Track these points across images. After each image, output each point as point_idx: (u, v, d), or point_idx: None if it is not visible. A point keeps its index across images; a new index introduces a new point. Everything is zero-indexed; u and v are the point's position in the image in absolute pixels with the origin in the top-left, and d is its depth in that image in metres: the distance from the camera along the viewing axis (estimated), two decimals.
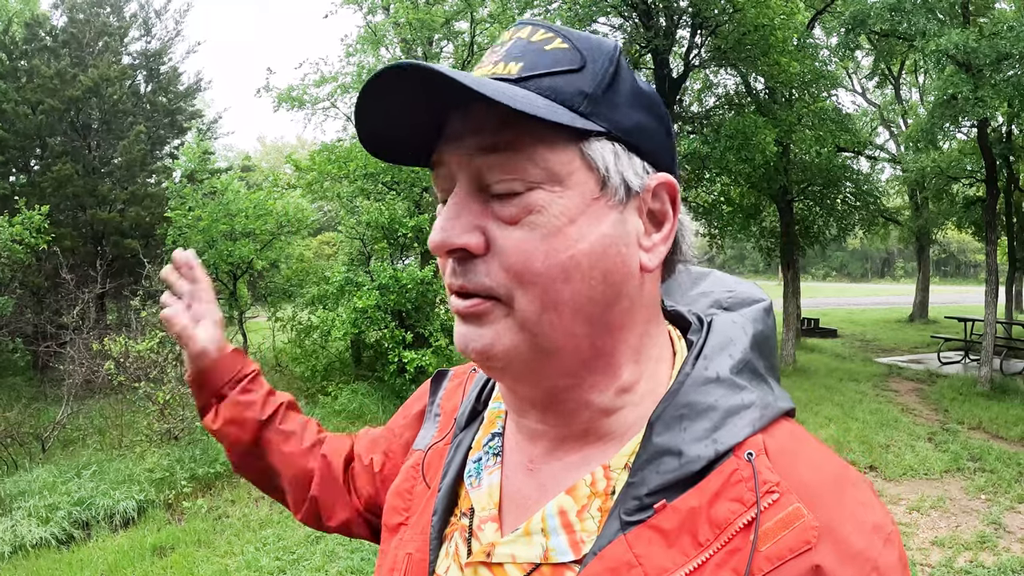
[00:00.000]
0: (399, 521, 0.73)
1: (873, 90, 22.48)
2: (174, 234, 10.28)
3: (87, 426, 8.07)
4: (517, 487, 0.64)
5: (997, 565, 4.59)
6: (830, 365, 12.55)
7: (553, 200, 0.54)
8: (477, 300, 0.56)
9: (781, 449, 0.56)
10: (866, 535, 0.52)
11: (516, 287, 0.55)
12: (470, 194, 0.57)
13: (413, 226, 9.34)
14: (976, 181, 15.12)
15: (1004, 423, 8.03)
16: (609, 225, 0.56)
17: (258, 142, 48.34)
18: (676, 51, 11.76)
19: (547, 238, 0.54)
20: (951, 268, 59.71)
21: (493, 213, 0.56)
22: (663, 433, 0.56)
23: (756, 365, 0.61)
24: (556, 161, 0.54)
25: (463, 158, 0.56)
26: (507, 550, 0.60)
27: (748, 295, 0.70)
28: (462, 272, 0.56)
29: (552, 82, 0.55)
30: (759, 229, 14.20)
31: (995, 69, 8.41)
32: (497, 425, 0.70)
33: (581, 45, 0.57)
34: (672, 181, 0.60)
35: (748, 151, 9.70)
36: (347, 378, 9.81)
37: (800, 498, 0.53)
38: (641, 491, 0.55)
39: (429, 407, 0.83)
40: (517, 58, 0.57)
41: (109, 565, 4.80)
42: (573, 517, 0.58)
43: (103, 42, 13.37)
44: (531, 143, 0.54)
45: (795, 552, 0.50)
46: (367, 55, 12.50)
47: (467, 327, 0.57)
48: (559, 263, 0.54)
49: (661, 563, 0.53)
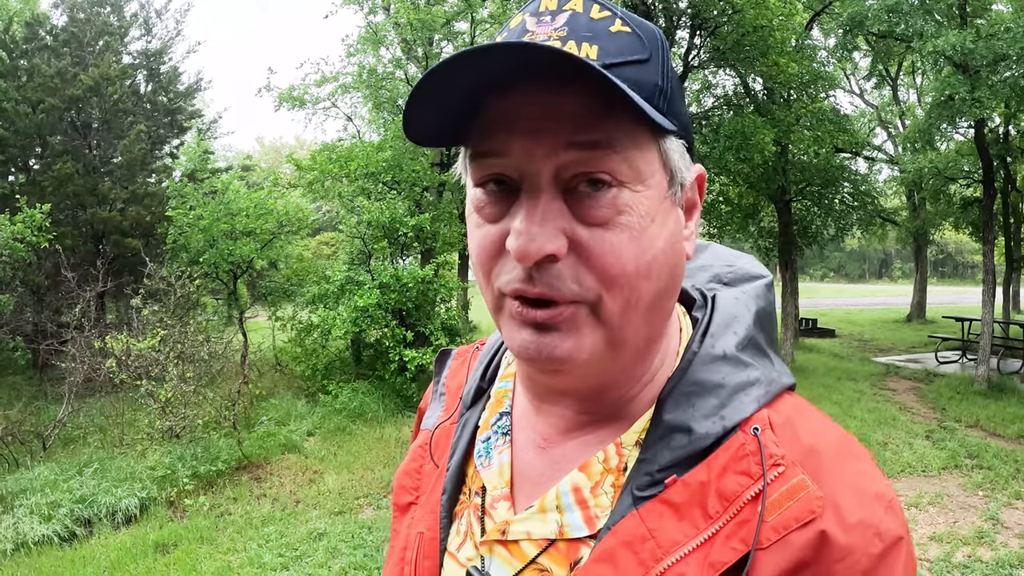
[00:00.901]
0: (409, 501, 0.74)
1: (871, 91, 22.57)
2: (175, 233, 10.30)
3: (88, 424, 8.07)
4: (529, 465, 0.65)
5: (995, 560, 4.63)
6: (828, 364, 12.60)
7: (639, 200, 0.53)
8: (562, 308, 0.53)
9: (785, 423, 0.58)
10: (868, 504, 0.53)
11: (603, 290, 0.53)
12: (553, 193, 0.53)
13: (414, 225, 9.37)
14: (973, 182, 15.19)
15: (1001, 421, 8.07)
16: (674, 222, 0.57)
17: (257, 142, 48.33)
18: (675, 52, 11.80)
19: (636, 239, 0.53)
20: (949, 268, 59.82)
21: (578, 215, 0.53)
22: (673, 411, 0.58)
23: (759, 341, 0.63)
24: (642, 159, 0.53)
25: (544, 148, 0.52)
26: (522, 527, 0.61)
27: (748, 271, 0.71)
28: (542, 279, 0.53)
29: (632, 73, 0.52)
30: (757, 229, 14.24)
31: (992, 70, 8.46)
32: (504, 404, 0.70)
33: (640, 31, 0.55)
34: (703, 171, 0.62)
35: (747, 151, 9.74)
36: (347, 377, 9.83)
37: (804, 470, 0.54)
38: (652, 467, 0.56)
39: (434, 387, 0.82)
40: (589, 39, 0.52)
41: (112, 562, 4.81)
42: (587, 493, 0.59)
43: (103, 41, 13.37)
44: (623, 140, 0.52)
45: (801, 521, 0.52)
46: (368, 55, 12.53)
47: (541, 335, 0.54)
48: (646, 263, 0.54)
49: (673, 536, 0.54)
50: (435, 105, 0.52)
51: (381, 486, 6.29)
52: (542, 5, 0.55)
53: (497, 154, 0.53)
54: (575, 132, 0.51)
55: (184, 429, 6.86)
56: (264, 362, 11.65)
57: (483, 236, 0.56)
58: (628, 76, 0.52)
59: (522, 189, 0.54)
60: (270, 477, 6.57)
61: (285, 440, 7.39)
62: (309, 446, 7.52)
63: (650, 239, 0.54)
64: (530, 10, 0.56)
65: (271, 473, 6.66)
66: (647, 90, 0.53)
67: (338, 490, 6.19)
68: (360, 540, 5.10)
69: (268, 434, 7.51)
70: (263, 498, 6.09)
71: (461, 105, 0.53)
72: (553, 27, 0.53)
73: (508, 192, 0.55)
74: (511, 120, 0.52)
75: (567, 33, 0.52)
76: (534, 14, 0.55)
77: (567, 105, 0.51)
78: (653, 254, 0.54)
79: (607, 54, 0.52)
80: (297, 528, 5.36)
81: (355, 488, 6.25)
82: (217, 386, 8.32)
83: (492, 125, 0.53)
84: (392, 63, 13.32)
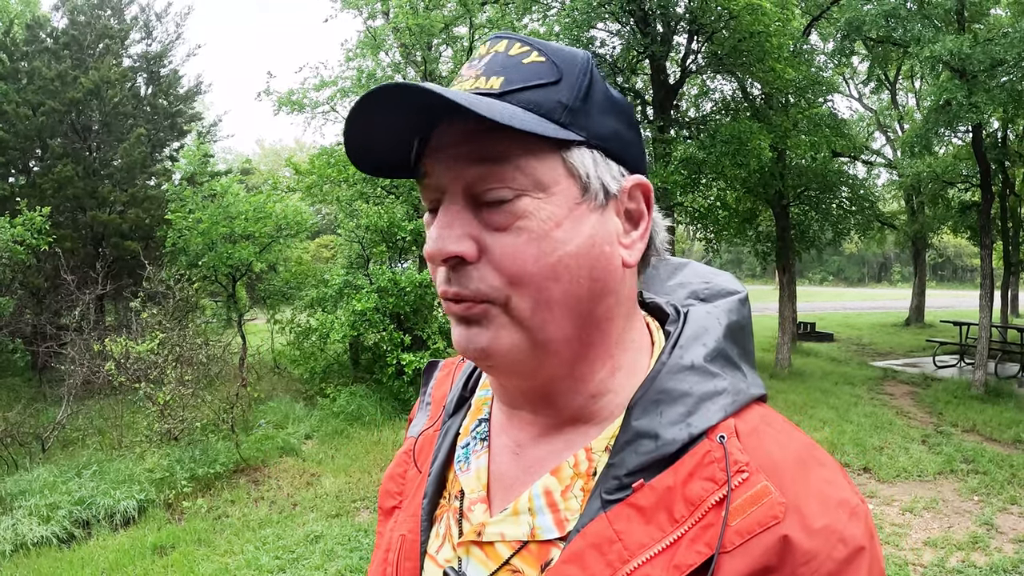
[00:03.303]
0: (393, 505, 0.77)
1: (869, 95, 22.61)
2: (174, 236, 10.32)
3: (87, 426, 8.09)
4: (504, 470, 0.67)
5: (989, 565, 4.65)
6: (826, 369, 12.61)
7: (540, 206, 0.57)
8: (475, 304, 0.59)
9: (751, 432, 0.59)
10: (831, 510, 0.55)
11: (510, 289, 0.58)
12: (462, 204, 0.59)
13: (412, 229, 9.39)
14: (971, 186, 15.23)
15: (997, 426, 8.09)
16: (591, 227, 0.60)
17: (257, 145, 48.40)
18: (673, 57, 11.84)
19: (536, 241, 0.57)
20: (947, 272, 59.78)
21: (484, 221, 0.58)
22: (641, 417, 0.60)
23: (730, 353, 0.64)
24: (541, 169, 0.58)
25: (453, 168, 0.59)
26: (496, 529, 0.63)
27: (723, 287, 0.73)
28: (456, 279, 0.59)
29: (532, 95, 0.58)
30: (755, 234, 14.25)
31: (990, 75, 8.49)
32: (483, 411, 0.73)
33: (556, 58, 0.60)
34: (646, 182, 0.64)
35: (744, 156, 9.76)
36: (345, 380, 9.84)
37: (768, 476, 0.56)
38: (620, 471, 0.58)
39: (422, 397, 0.85)
40: (497, 72, 0.59)
41: (110, 564, 4.83)
42: (558, 497, 0.61)
43: (104, 44, 13.41)
44: (518, 154, 0.57)
45: (764, 526, 0.53)
46: (367, 59, 12.54)
47: (466, 329, 0.60)
48: (549, 264, 0.57)
49: (639, 539, 0.56)
50: (392, 143, 0.60)
51: (378, 489, 6.30)
52: (477, 53, 0.63)
53: (427, 175, 0.61)
54: (478, 148, 0.57)
55: (182, 432, 6.88)
56: (262, 365, 11.66)
57: (426, 249, 0.62)
58: (527, 98, 0.58)
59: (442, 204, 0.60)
60: (268, 480, 6.58)
61: (283, 443, 7.41)
62: (307, 449, 7.53)
63: (554, 242, 0.58)
64: (471, 58, 0.64)
65: (269, 476, 6.68)
66: (546, 107, 0.58)
67: (335, 493, 6.21)
68: (356, 543, 5.11)
69: (266, 437, 7.53)
70: (260, 501, 6.11)
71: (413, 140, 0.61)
72: (476, 69, 0.61)
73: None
74: (434, 146, 0.60)
75: (482, 71, 0.60)
76: (469, 62, 0.63)
77: (470, 126, 0.57)
78: (558, 256, 0.58)
79: (510, 82, 0.59)
80: (294, 531, 5.38)
81: (352, 491, 6.27)
82: (215, 389, 8.34)
83: (428, 152, 0.61)
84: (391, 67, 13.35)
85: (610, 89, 0.63)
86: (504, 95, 0.58)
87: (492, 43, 0.63)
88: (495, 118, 0.53)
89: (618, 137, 0.62)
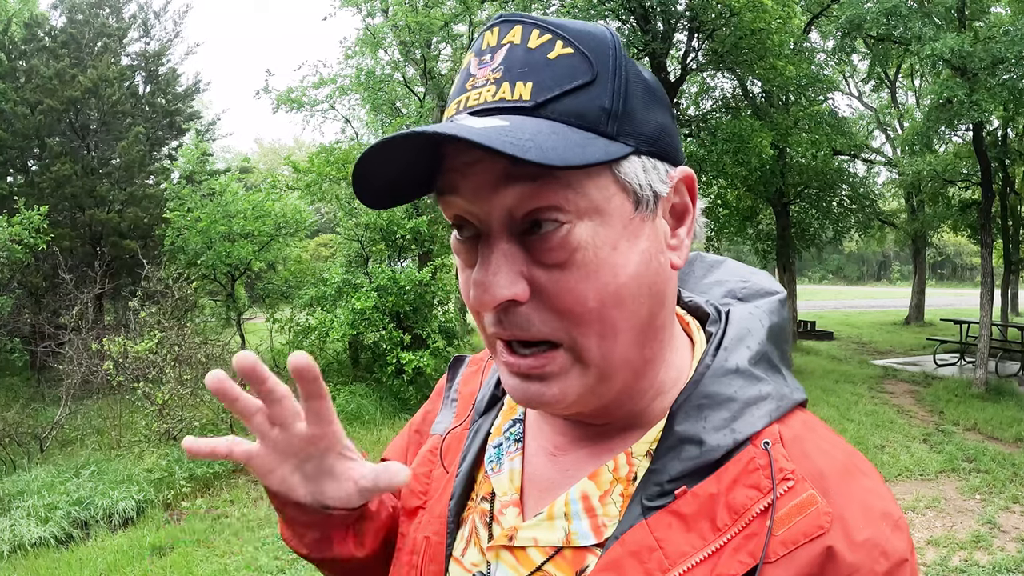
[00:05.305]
0: (417, 505, 0.74)
1: (869, 93, 22.59)
2: (172, 235, 10.30)
3: (85, 426, 8.07)
4: (539, 472, 0.65)
5: (992, 564, 4.62)
6: (826, 367, 12.60)
7: (595, 232, 0.52)
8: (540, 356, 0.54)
9: (796, 438, 0.57)
10: (875, 522, 0.53)
11: (573, 327, 0.53)
12: (505, 238, 0.53)
13: (411, 228, 9.37)
14: (972, 184, 15.21)
15: (999, 424, 8.07)
16: (645, 239, 0.55)
17: (255, 144, 48.36)
18: (673, 54, 11.82)
19: (595, 274, 0.52)
20: (947, 271, 59.88)
21: (534, 257, 0.53)
22: (684, 422, 0.58)
23: (772, 356, 0.62)
24: (593, 189, 0.52)
25: (485, 188, 0.52)
26: (529, 534, 0.61)
27: (762, 286, 0.70)
28: (511, 322, 0.54)
29: (572, 103, 0.51)
30: (755, 232, 14.26)
31: (990, 73, 8.47)
32: (518, 412, 0.71)
33: (585, 46, 0.52)
34: (690, 173, 0.58)
35: (744, 154, 9.76)
36: (345, 379, 9.83)
37: (813, 485, 0.54)
38: (662, 477, 0.56)
39: (446, 393, 0.82)
40: (523, 76, 0.51)
41: (108, 564, 4.80)
42: (596, 502, 0.59)
43: (102, 43, 13.38)
44: (566, 171, 0.50)
45: (809, 536, 0.52)
46: (366, 57, 12.53)
47: (529, 384, 0.56)
48: (612, 294, 0.53)
49: (680, 547, 0.54)
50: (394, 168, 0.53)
51: None
52: (484, 42, 0.55)
53: (450, 191, 0.54)
54: (512, 162, 0.47)
55: (181, 431, 6.86)
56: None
57: (464, 282, 0.57)
58: (567, 109, 0.51)
59: (481, 236, 0.54)
60: None
61: None
62: None
63: (613, 268, 0.53)
64: (475, 49, 0.56)
65: None
66: (591, 118, 0.51)
67: None
68: None
69: None
70: (260, 501, 6.09)
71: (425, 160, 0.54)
72: (491, 68, 0.53)
73: (475, 240, 0.55)
74: (459, 163, 0.53)
75: (502, 74, 0.52)
76: (477, 54, 0.55)
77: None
78: (620, 283, 0.53)
79: (542, 89, 0.51)
80: None
81: None
82: None
83: (449, 164, 0.54)
84: (390, 65, 13.34)
85: (640, 69, 0.56)
86: (539, 108, 0.50)
87: (503, 30, 0.54)
88: (546, 162, 0.46)
89: (662, 132, 0.56)
